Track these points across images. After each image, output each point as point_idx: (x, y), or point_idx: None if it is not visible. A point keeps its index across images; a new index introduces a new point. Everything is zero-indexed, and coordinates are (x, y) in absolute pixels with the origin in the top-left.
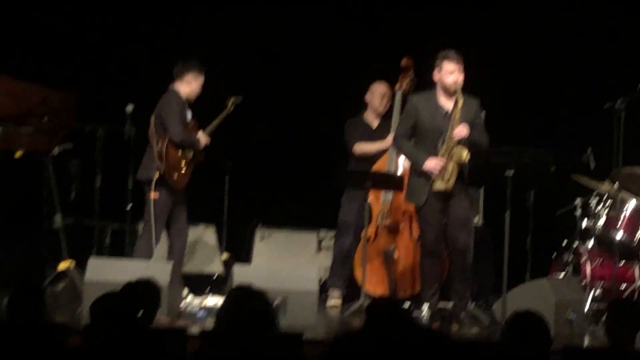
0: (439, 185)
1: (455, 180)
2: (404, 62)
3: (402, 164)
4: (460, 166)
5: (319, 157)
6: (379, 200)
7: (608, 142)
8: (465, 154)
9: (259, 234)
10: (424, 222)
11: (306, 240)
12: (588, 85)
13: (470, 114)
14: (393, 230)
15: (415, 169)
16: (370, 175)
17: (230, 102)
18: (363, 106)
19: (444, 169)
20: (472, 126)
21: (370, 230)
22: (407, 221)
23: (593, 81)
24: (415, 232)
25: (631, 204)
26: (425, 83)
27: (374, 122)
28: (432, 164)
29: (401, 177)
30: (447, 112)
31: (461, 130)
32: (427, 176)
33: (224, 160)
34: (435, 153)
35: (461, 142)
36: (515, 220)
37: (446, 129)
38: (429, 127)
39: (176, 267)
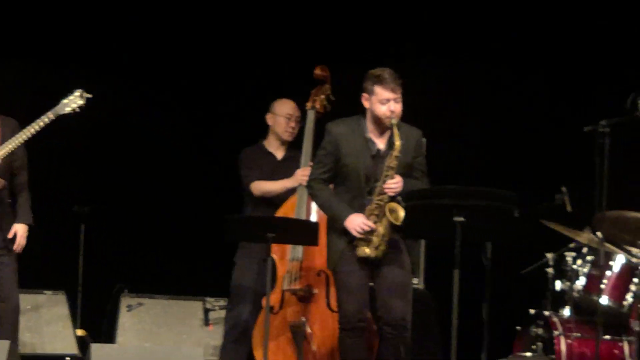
0: (364, 252)
1: (386, 245)
2: (318, 72)
3: (315, 208)
4: (394, 226)
5: (204, 200)
6: (285, 258)
7: (589, 177)
8: (402, 214)
9: (124, 303)
10: (342, 287)
11: (188, 311)
12: (561, 104)
13: (408, 153)
14: (304, 298)
15: (332, 224)
16: (273, 223)
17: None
18: (263, 131)
19: (371, 232)
20: (409, 168)
21: (274, 298)
22: (322, 285)
23: (567, 99)
24: (334, 300)
25: (618, 260)
26: (346, 101)
27: (278, 152)
28: (356, 223)
29: (315, 226)
30: (379, 151)
31: (395, 185)
32: (348, 233)
33: (78, 206)
34: (360, 203)
35: (395, 196)
36: (467, 282)
37: (377, 174)
38: (353, 169)
39: (12, 349)
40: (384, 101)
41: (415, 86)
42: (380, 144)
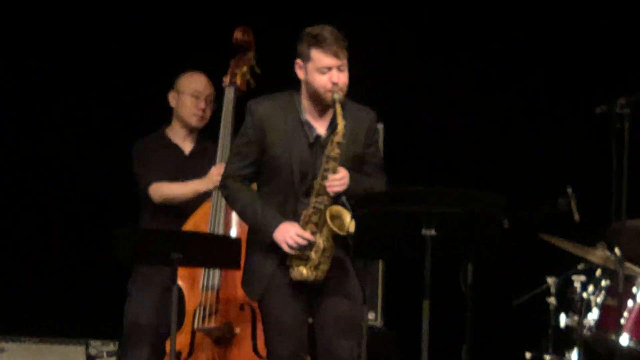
0: (301, 274)
1: (329, 263)
2: (239, 36)
3: (237, 219)
4: (338, 238)
5: (85, 209)
6: (196, 287)
7: (602, 175)
8: (347, 222)
9: None
10: (272, 326)
11: (67, 357)
12: (563, 78)
13: (357, 142)
14: (222, 340)
15: (255, 238)
16: (180, 239)
17: None
18: (166, 116)
19: (309, 246)
20: (359, 161)
21: (183, 340)
22: (246, 323)
23: (572, 71)
24: (263, 342)
25: None
26: (277, 75)
27: (186, 144)
28: (288, 234)
29: (237, 243)
30: (318, 138)
31: (339, 181)
32: (278, 251)
33: None
34: (294, 208)
35: (339, 197)
36: (441, 317)
37: (316, 168)
38: (284, 162)
39: None
40: (324, 69)
41: (364, 51)
42: (320, 128)
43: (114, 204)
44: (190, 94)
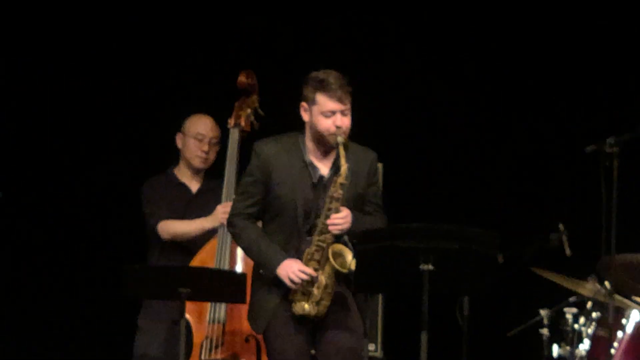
0: (302, 309)
1: (330, 299)
2: (243, 79)
3: (242, 255)
4: (339, 274)
5: (97, 245)
6: (203, 320)
7: (592, 211)
8: (349, 260)
9: None
10: (273, 355)
11: None
12: (556, 118)
13: (359, 183)
14: None
15: (259, 273)
16: (188, 275)
17: None
18: (173, 158)
19: (311, 283)
20: (360, 201)
21: None
22: (252, 355)
23: (564, 111)
24: None
25: (633, 317)
26: (281, 117)
27: (193, 183)
28: (290, 270)
29: (242, 278)
30: (321, 178)
31: (341, 220)
32: (281, 286)
33: None
34: (297, 246)
35: (342, 236)
36: (438, 348)
37: (318, 208)
38: (289, 202)
39: None
40: (328, 113)
41: (368, 96)
42: (324, 168)
43: (124, 241)
44: (193, 136)
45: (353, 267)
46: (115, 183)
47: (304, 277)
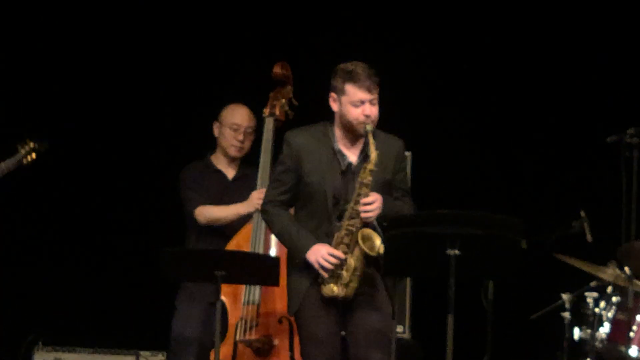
0: (331, 291)
1: (358, 281)
2: (278, 70)
3: (275, 239)
4: (371, 259)
5: (136, 229)
6: (238, 302)
7: (613, 199)
8: (378, 244)
9: (38, 358)
10: (308, 338)
11: None
12: (578, 110)
13: (387, 169)
14: (262, 351)
15: (292, 258)
16: (223, 258)
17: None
18: (210, 145)
19: (340, 265)
20: (388, 186)
21: (225, 351)
22: (284, 335)
23: (586, 103)
24: (299, 353)
25: None
26: (313, 107)
27: (229, 170)
28: (319, 254)
29: (276, 262)
30: (350, 165)
31: (372, 205)
32: (312, 270)
33: None
34: (327, 231)
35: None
36: (464, 330)
37: (347, 194)
38: (319, 189)
39: None
40: (357, 103)
41: (396, 86)
42: (352, 156)
43: (164, 225)
44: (229, 126)
45: (382, 250)
46: (156, 169)
47: (333, 260)
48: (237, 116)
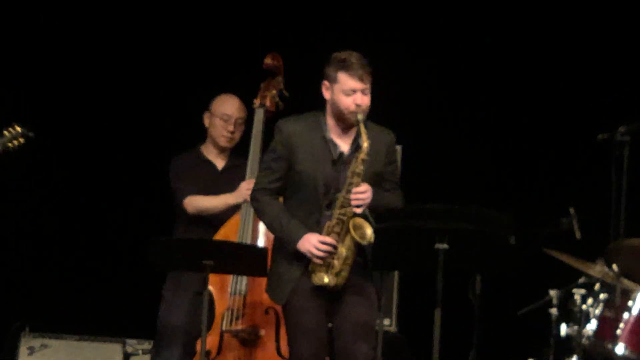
0: (322, 280)
1: (349, 270)
2: (269, 61)
3: (263, 230)
4: (359, 247)
5: (125, 218)
6: (225, 292)
7: (602, 196)
8: (369, 233)
9: (25, 344)
10: (295, 328)
11: (104, 355)
12: (569, 107)
13: (378, 160)
14: (248, 341)
15: (280, 247)
16: (211, 248)
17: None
18: (201, 135)
19: (330, 254)
20: (379, 178)
21: (212, 340)
22: (271, 326)
23: (577, 100)
24: (285, 344)
25: (638, 300)
26: (304, 98)
27: (218, 161)
28: (311, 243)
29: (263, 252)
30: (341, 155)
31: (363, 194)
32: (302, 260)
33: None
34: (317, 220)
35: (363, 210)
36: (451, 325)
37: (338, 183)
38: (310, 177)
39: None
40: (349, 92)
41: (385, 78)
42: (344, 145)
43: (152, 215)
44: (220, 116)
45: (372, 239)
46: (145, 159)
47: (325, 247)
48: (227, 106)
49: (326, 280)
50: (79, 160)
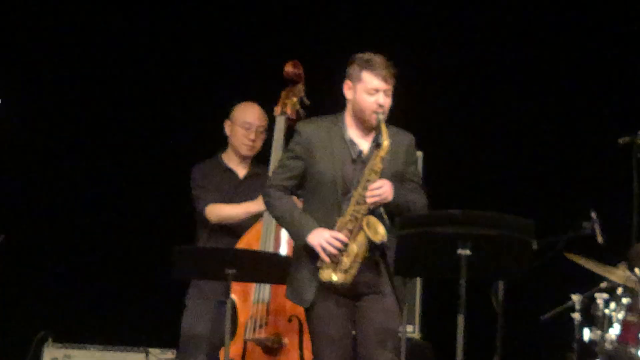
0: (329, 276)
1: (358, 268)
2: (289, 69)
3: (286, 238)
4: (373, 246)
5: (147, 227)
6: (248, 300)
7: (624, 200)
8: (381, 231)
9: (48, 355)
10: (317, 335)
11: None
12: (590, 111)
13: (398, 160)
14: (272, 350)
15: (297, 246)
16: (234, 257)
17: None
18: (222, 143)
19: (340, 251)
20: (399, 179)
21: (235, 349)
22: (294, 334)
23: (598, 104)
24: (309, 352)
25: None
26: (325, 106)
27: (240, 169)
28: (322, 237)
29: (286, 260)
30: (360, 154)
31: (379, 190)
32: (314, 257)
33: None
34: (337, 219)
35: (377, 209)
36: (474, 330)
37: (358, 182)
38: (329, 177)
39: None
40: (372, 91)
41: (408, 85)
42: (363, 144)
43: (174, 223)
44: (241, 125)
45: (385, 238)
46: (167, 167)
47: (337, 244)
48: (248, 115)
49: (334, 277)
50: (103, 171)
